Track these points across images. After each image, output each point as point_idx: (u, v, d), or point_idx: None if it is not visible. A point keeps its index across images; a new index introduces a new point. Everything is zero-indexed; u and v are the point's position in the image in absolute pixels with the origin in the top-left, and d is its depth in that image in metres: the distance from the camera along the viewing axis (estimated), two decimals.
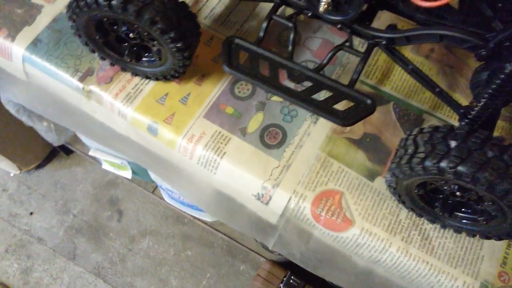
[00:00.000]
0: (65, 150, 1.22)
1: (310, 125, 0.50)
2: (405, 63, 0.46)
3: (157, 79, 0.51)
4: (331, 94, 0.44)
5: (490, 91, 0.40)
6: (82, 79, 0.52)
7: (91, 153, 0.98)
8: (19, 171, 1.18)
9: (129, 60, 0.50)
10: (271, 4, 0.47)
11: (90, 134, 0.67)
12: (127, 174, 1.01)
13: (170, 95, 0.52)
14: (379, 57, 0.55)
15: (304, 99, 0.44)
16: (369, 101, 0.43)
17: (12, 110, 0.83)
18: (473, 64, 0.54)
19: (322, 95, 0.45)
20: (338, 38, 0.56)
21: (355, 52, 0.45)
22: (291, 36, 0.46)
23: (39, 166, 1.22)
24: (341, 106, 0.43)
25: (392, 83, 0.54)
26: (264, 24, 0.46)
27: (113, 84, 0.52)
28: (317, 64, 0.54)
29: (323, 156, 0.49)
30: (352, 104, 0.44)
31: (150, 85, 0.52)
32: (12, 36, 0.54)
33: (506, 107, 0.52)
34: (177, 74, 0.50)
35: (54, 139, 0.97)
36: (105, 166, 1.02)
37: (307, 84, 0.44)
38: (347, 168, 0.48)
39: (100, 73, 0.52)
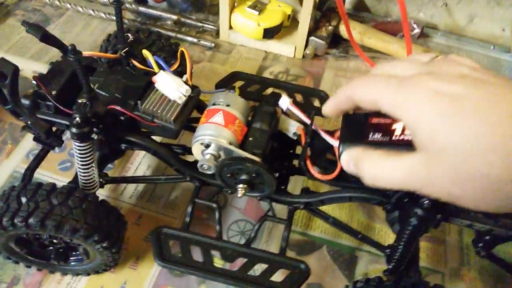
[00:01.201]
0: None
1: None
2: (325, 218, 0.49)
3: (88, 274, 0.50)
4: (266, 266, 0.45)
5: (404, 241, 0.44)
6: None
7: None
8: None
9: (56, 262, 0.48)
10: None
11: None
12: None
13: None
14: None
15: (241, 279, 0.44)
16: (302, 266, 0.45)
17: None
18: None
19: (258, 267, 0.47)
20: None
21: (279, 220, 0.48)
22: (216, 216, 0.48)
23: None
24: (278, 274, 0.45)
25: (320, 227, 0.57)
26: (189, 209, 0.48)
27: None
28: (248, 222, 0.56)
29: None
30: (288, 272, 0.45)
31: (84, 281, 0.50)
32: None
33: None
34: (108, 268, 0.49)
35: None
36: None
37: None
38: None
39: (27, 279, 0.50)
